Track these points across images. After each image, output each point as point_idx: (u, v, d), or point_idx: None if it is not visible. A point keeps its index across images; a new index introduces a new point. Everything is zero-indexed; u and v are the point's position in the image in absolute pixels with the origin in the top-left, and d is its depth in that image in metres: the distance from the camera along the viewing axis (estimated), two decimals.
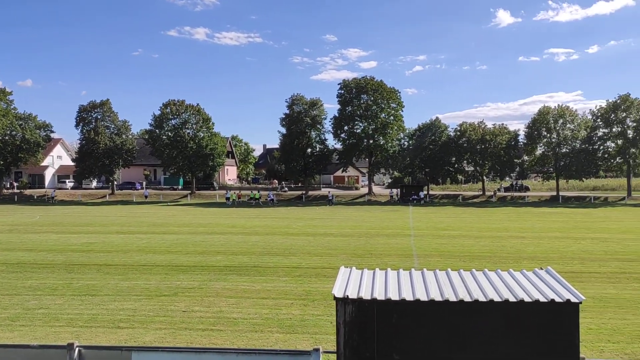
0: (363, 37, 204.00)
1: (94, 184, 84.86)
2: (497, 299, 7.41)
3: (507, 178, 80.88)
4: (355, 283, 8.07)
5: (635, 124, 68.05)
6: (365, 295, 7.52)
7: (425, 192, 71.62)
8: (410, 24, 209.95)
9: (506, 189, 78.84)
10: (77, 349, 8.08)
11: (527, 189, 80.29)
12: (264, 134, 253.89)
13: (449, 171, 76.15)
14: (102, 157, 72.57)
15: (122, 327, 13.45)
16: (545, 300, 7.30)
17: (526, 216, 47.10)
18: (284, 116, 75.05)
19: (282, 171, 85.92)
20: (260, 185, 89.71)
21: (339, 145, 76.64)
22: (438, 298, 7.45)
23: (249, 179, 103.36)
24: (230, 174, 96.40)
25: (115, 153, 73.49)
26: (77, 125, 75.23)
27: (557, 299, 7.32)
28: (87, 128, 74.20)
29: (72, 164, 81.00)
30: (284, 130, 75.30)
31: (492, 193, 72.59)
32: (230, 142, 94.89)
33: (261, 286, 18.07)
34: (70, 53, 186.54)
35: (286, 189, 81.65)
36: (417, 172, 76.52)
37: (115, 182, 77.65)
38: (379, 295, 7.49)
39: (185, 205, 63.75)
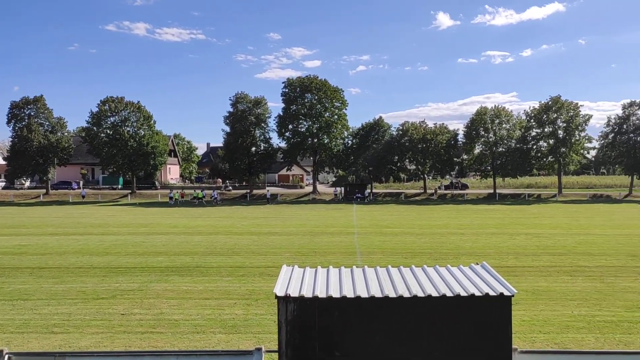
0: (307, 36, 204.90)
1: (27, 183, 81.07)
2: (435, 294, 7.61)
3: (447, 176, 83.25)
4: (297, 281, 8.08)
5: (565, 125, 71.57)
6: (307, 293, 7.54)
7: (369, 191, 72.63)
8: (354, 25, 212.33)
9: (446, 187, 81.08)
10: (6, 356, 7.71)
11: (466, 186, 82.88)
12: (207, 133, 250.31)
13: (391, 170, 77.60)
14: (36, 155, 69.47)
15: (56, 332, 12.93)
16: (480, 294, 7.55)
17: (465, 213, 48.61)
18: (227, 114, 74.34)
19: (226, 170, 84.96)
20: (203, 184, 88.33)
21: (283, 144, 76.63)
22: (378, 294, 7.56)
23: (192, 177, 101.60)
24: (172, 172, 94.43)
25: (50, 151, 70.55)
26: (8, 123, 71.84)
27: (491, 293, 7.58)
28: (19, 125, 70.91)
29: (3, 162, 77.10)
30: (228, 129, 74.57)
31: (433, 191, 74.48)
32: (172, 140, 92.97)
33: (204, 286, 17.81)
34: (1, 46, 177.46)
35: (230, 187, 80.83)
36: (361, 170, 77.55)
37: (50, 182, 74.47)
38: (321, 293, 7.53)
39: (126, 205, 61.96)
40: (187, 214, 47.99)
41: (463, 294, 7.58)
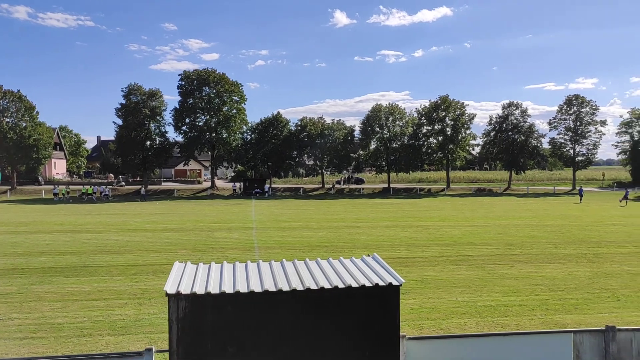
0: (205, 28, 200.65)
1: None
2: (327, 286, 7.78)
3: (345, 171, 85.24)
4: (190, 278, 7.92)
5: (452, 123, 75.97)
6: (199, 290, 7.41)
7: (268, 186, 72.63)
8: (253, 19, 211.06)
9: (344, 182, 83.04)
10: None
11: (362, 181, 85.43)
12: (97, 125, 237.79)
13: (290, 165, 78.12)
14: None
15: None
16: (370, 285, 7.83)
17: (361, 207, 50.08)
18: (119, 106, 70.79)
19: (118, 165, 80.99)
20: (94, 180, 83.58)
21: (180, 138, 74.46)
22: (272, 288, 7.60)
23: (81, 173, 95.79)
24: (58, 167, 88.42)
25: None
26: None
27: (381, 283, 7.90)
28: None
29: None
30: (120, 122, 71.11)
31: (331, 185, 76.01)
32: (58, 133, 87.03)
33: (92, 287, 16.88)
34: None
35: (123, 183, 77.24)
36: (260, 165, 77.31)
37: None
38: (213, 289, 7.44)
39: (5, 202, 57.08)
40: (74, 211, 45.18)
41: (354, 285, 7.82)
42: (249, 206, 51.34)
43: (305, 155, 77.38)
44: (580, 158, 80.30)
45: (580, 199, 57.03)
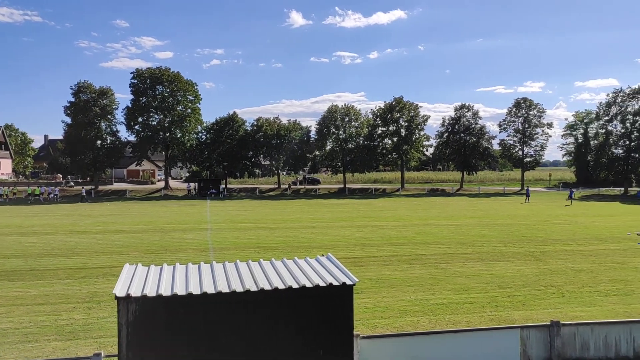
0: (158, 26, 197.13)
1: None
2: (281, 286, 7.78)
3: (301, 172, 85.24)
4: (140, 280, 7.76)
5: (407, 124, 77.13)
6: (150, 292, 7.28)
7: (223, 186, 71.90)
8: (208, 17, 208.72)
9: (300, 182, 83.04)
10: None
11: (318, 182, 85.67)
12: (45, 124, 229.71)
13: (246, 165, 77.56)
14: None
15: None
16: (324, 285, 7.88)
17: (317, 207, 50.21)
18: (68, 104, 68.62)
19: (67, 165, 78.47)
20: (41, 180, 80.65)
21: (132, 138, 72.77)
22: (225, 290, 7.54)
23: (27, 173, 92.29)
24: (3, 167, 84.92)
25: None
26: None
27: (335, 283, 7.96)
28: None
29: None
30: (69, 120, 68.90)
31: (287, 186, 75.89)
32: (3, 131, 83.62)
33: (38, 291, 16.30)
34: None
35: (72, 184, 74.88)
36: (215, 166, 76.41)
37: None
38: (165, 292, 7.32)
39: None
40: (20, 213, 43.50)
41: (308, 285, 7.85)
42: (203, 207, 50.68)
43: (261, 156, 76.97)
44: (528, 159, 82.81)
45: (527, 199, 58.87)
